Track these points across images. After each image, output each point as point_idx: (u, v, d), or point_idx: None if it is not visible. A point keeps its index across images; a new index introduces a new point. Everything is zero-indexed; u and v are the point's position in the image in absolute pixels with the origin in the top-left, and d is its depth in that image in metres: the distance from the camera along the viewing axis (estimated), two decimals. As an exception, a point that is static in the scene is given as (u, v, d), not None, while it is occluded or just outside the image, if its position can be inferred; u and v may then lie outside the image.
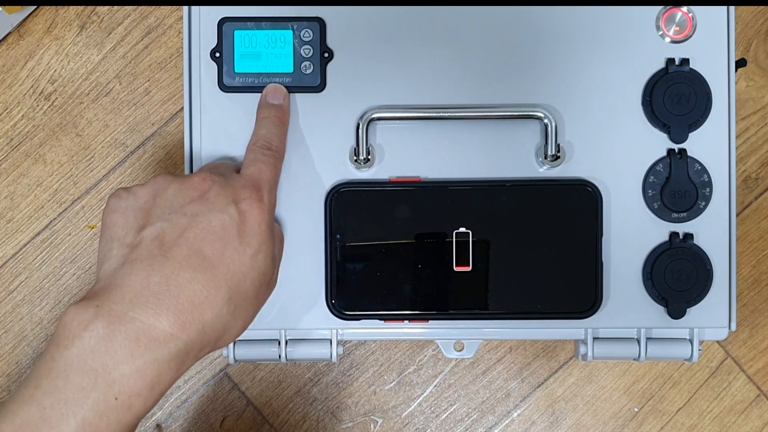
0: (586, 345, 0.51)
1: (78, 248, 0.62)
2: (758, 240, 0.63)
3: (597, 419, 0.62)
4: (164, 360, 0.40)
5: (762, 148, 0.62)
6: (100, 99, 0.62)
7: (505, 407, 0.63)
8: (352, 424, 0.63)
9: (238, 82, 0.51)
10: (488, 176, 0.51)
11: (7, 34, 0.62)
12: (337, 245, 0.50)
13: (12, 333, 0.62)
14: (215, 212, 0.43)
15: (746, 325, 0.63)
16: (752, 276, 0.63)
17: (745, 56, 0.62)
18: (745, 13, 0.62)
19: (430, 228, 0.50)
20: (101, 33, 0.62)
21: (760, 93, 0.62)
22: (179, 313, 0.40)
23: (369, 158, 0.50)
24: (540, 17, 0.51)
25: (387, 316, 0.50)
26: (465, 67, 0.51)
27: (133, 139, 0.62)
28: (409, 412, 0.63)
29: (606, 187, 0.51)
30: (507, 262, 0.50)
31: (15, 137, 0.62)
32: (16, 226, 0.62)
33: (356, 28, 0.51)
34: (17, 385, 0.62)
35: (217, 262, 0.42)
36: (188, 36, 0.51)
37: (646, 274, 0.51)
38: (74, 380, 0.38)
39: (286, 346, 0.51)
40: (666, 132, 0.51)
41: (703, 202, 0.51)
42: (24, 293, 0.62)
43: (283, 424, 0.63)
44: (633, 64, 0.51)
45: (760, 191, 0.63)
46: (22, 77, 0.62)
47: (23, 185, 0.62)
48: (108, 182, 0.62)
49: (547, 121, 0.49)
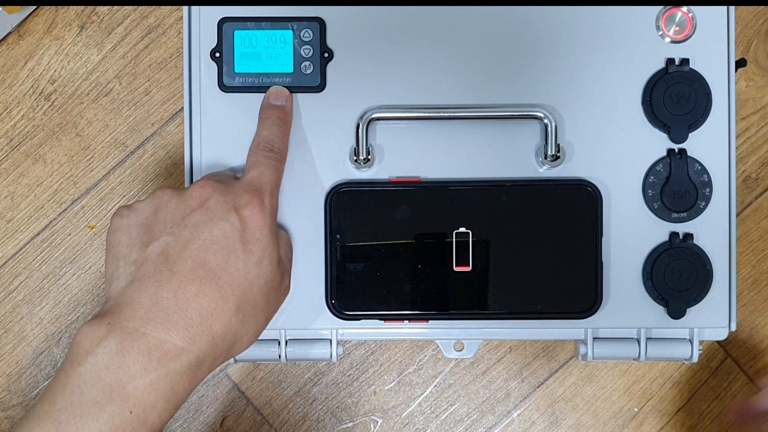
0: (586, 345, 0.51)
1: (78, 248, 0.62)
2: (758, 240, 0.63)
3: (597, 419, 0.62)
4: (177, 373, 0.40)
5: (762, 148, 0.62)
6: (100, 99, 0.62)
7: (505, 407, 0.63)
8: (352, 424, 0.63)
9: (238, 82, 0.51)
10: (488, 176, 0.51)
11: (7, 34, 0.62)
12: (337, 245, 0.50)
13: (12, 333, 0.62)
14: (216, 221, 0.43)
15: (746, 325, 0.63)
16: (752, 276, 0.63)
17: (745, 56, 0.62)
18: (745, 13, 0.62)
19: (430, 228, 0.50)
20: (101, 33, 0.62)
21: (760, 93, 0.62)
22: (189, 326, 0.41)
23: (369, 158, 0.50)
24: (539, 17, 0.51)
25: (387, 316, 0.50)
26: (465, 67, 0.51)
27: (133, 139, 0.62)
28: (409, 412, 0.63)
29: (606, 187, 0.51)
30: (507, 262, 0.50)
31: (15, 137, 0.62)
32: (16, 226, 0.62)
33: (356, 28, 0.51)
34: (17, 385, 0.62)
35: (222, 272, 0.42)
36: (188, 36, 0.51)
37: (646, 274, 0.51)
38: (89, 395, 0.38)
39: (286, 346, 0.51)
40: (666, 132, 0.51)
41: (703, 202, 0.51)
42: (24, 293, 0.62)
43: (283, 424, 0.63)
44: (633, 64, 0.51)
45: (760, 191, 0.63)
46: (22, 77, 0.62)
47: (23, 185, 0.62)
48: (108, 182, 0.62)
49: (547, 121, 0.49)
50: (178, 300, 0.41)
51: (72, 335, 0.62)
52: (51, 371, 0.62)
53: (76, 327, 0.62)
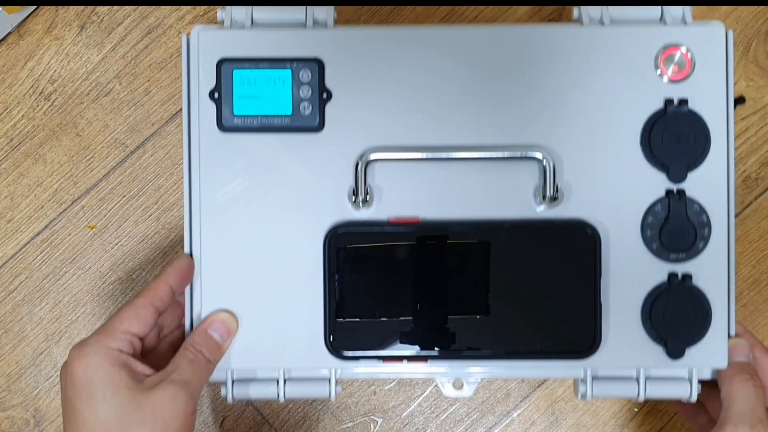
0: (585, 384, 0.51)
1: (78, 248, 0.62)
2: (758, 240, 0.63)
3: (597, 419, 0.62)
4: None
5: (762, 148, 0.62)
6: (100, 99, 0.62)
7: (505, 407, 0.63)
8: (352, 424, 0.63)
9: (237, 122, 0.50)
10: (487, 216, 0.50)
11: (7, 34, 0.62)
12: (336, 285, 0.50)
13: (12, 333, 0.62)
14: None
15: (746, 325, 0.63)
16: (752, 276, 0.63)
17: (745, 56, 0.62)
18: (745, 13, 0.62)
19: (428, 269, 0.50)
20: (101, 33, 0.62)
21: (760, 93, 0.62)
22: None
23: (368, 198, 0.50)
24: (538, 57, 0.50)
25: (386, 356, 0.50)
26: (463, 108, 0.50)
27: (133, 139, 0.62)
28: (409, 412, 0.63)
29: (605, 228, 0.50)
30: (506, 303, 0.50)
31: (15, 137, 0.62)
32: (16, 226, 0.62)
33: (355, 68, 0.50)
34: (17, 385, 0.62)
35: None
36: (187, 76, 0.51)
37: (644, 315, 0.51)
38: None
39: (284, 384, 0.51)
40: (665, 172, 0.50)
41: (702, 242, 0.50)
42: (24, 293, 0.62)
43: (283, 424, 0.63)
44: (631, 103, 0.50)
45: (760, 191, 0.63)
46: (22, 77, 0.62)
47: (23, 185, 0.62)
48: (108, 182, 0.62)
49: (546, 162, 0.49)
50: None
51: (72, 335, 0.62)
52: (51, 371, 0.62)
53: (76, 327, 0.62)
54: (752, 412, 0.47)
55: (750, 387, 0.48)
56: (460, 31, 0.51)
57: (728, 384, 0.49)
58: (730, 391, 0.49)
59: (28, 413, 0.62)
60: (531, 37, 0.50)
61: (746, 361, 0.50)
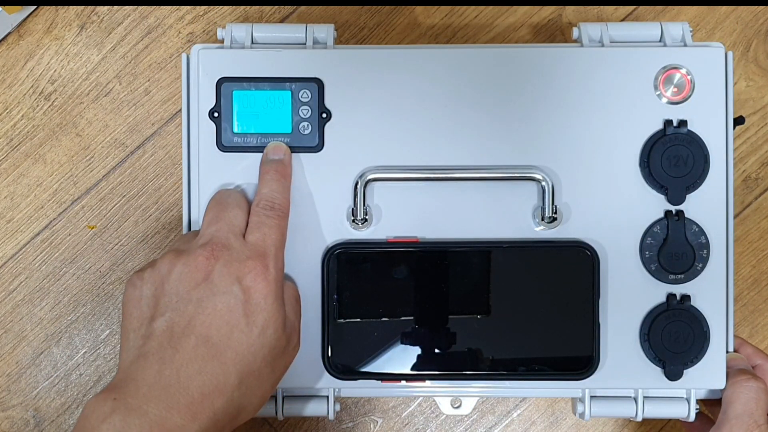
0: (583, 404, 0.51)
1: (78, 248, 0.62)
2: (758, 240, 0.63)
3: (597, 419, 0.62)
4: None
5: (762, 148, 0.62)
6: (100, 99, 0.62)
7: (505, 407, 0.63)
8: (352, 424, 0.63)
9: (236, 142, 0.50)
10: (486, 237, 0.50)
11: (7, 34, 0.62)
12: (335, 305, 0.50)
13: (12, 333, 0.62)
14: (220, 295, 0.44)
15: (746, 325, 0.63)
16: (752, 276, 0.63)
17: (745, 56, 0.62)
18: (745, 13, 0.62)
19: (427, 288, 0.50)
20: (101, 33, 0.62)
21: (760, 93, 0.62)
22: (190, 404, 0.41)
23: (366, 218, 0.50)
24: (538, 78, 0.50)
25: (384, 375, 0.50)
26: (462, 128, 0.50)
27: (133, 139, 0.62)
28: (409, 412, 0.63)
29: (603, 249, 0.51)
30: (504, 323, 0.50)
31: (15, 137, 0.62)
32: (16, 226, 0.62)
33: (354, 88, 0.50)
34: (17, 385, 0.62)
35: (224, 347, 0.43)
36: (186, 95, 0.51)
37: (643, 336, 0.51)
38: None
39: (282, 403, 0.51)
40: (663, 193, 0.50)
41: (701, 263, 0.50)
42: (24, 293, 0.62)
43: (283, 424, 0.63)
44: (631, 125, 0.50)
45: (760, 191, 0.63)
46: (22, 77, 0.62)
47: (23, 185, 0.62)
48: (108, 182, 0.62)
49: (545, 183, 0.49)
50: (180, 378, 0.42)
51: (72, 335, 0.62)
52: (51, 371, 0.62)
53: (76, 327, 0.62)
54: (750, 415, 0.47)
55: (750, 389, 0.48)
56: (459, 52, 0.51)
57: (729, 385, 0.49)
58: (729, 392, 0.49)
59: (28, 413, 0.62)
60: (530, 57, 0.50)
61: (746, 368, 0.50)
